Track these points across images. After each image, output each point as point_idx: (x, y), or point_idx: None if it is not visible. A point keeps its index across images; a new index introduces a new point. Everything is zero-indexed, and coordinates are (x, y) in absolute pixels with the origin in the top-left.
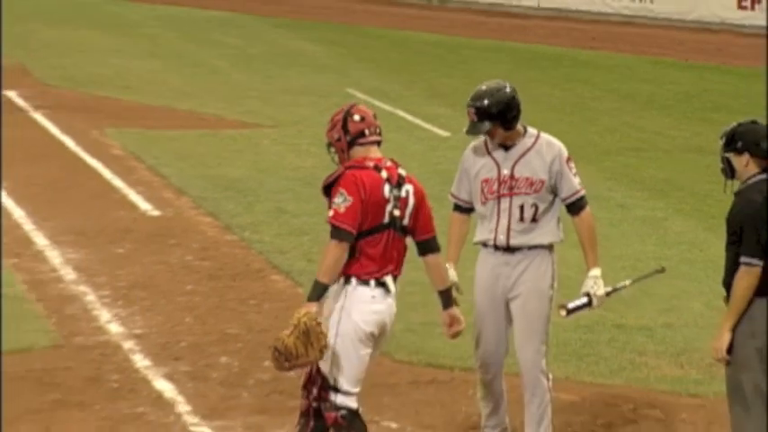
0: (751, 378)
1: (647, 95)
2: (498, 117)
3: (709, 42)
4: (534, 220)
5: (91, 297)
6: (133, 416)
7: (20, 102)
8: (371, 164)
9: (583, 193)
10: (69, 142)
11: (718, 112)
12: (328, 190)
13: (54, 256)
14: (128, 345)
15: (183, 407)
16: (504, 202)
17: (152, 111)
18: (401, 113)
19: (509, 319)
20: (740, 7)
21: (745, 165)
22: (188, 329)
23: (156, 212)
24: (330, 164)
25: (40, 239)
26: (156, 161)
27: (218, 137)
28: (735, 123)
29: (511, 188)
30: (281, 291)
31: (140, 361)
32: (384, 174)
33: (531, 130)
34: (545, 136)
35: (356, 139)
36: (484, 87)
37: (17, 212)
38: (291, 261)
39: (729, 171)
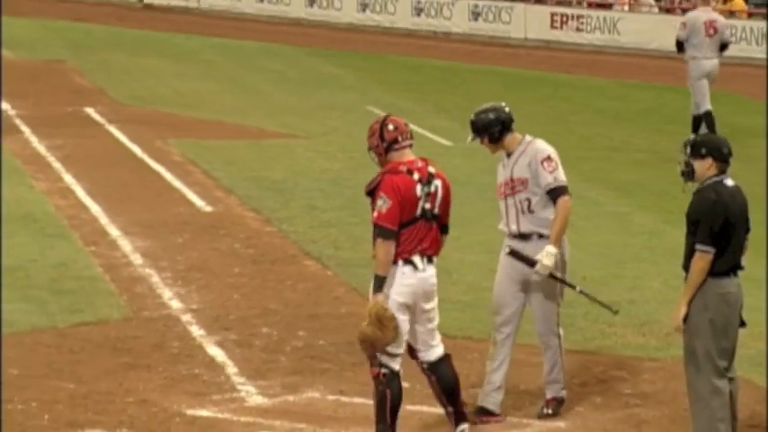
0: (703, 344)
1: (615, 111)
2: (483, 132)
3: (666, 67)
4: (531, 210)
5: (155, 278)
6: (190, 376)
7: (97, 117)
8: (404, 168)
9: (556, 185)
10: (137, 150)
11: (673, 124)
12: (371, 194)
13: (125, 245)
14: (186, 317)
15: (231, 369)
16: (510, 200)
17: (206, 124)
18: (413, 126)
19: (524, 292)
20: None
21: (707, 168)
22: (235, 305)
23: (209, 208)
24: (355, 167)
25: (113, 231)
26: (209, 166)
27: (260, 145)
28: (694, 135)
29: (512, 188)
30: (312, 273)
31: (196, 331)
32: (416, 176)
33: (527, 138)
34: (536, 142)
35: (391, 144)
36: (480, 108)
37: (94, 208)
38: (321, 248)
39: (690, 174)
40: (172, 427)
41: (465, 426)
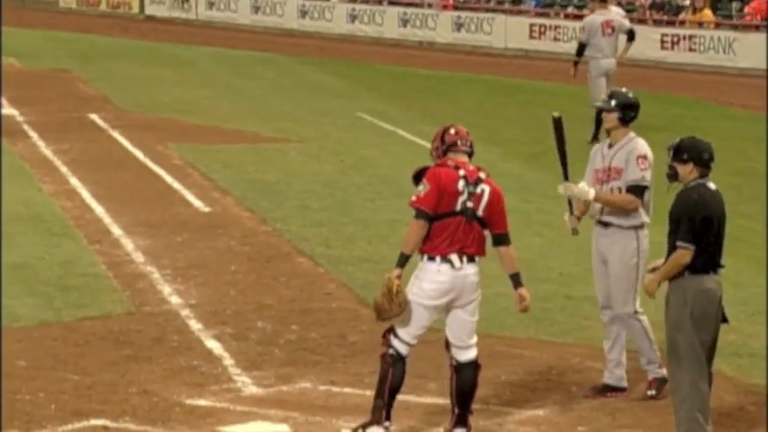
0: (685, 338)
1: (590, 116)
2: (623, 108)
3: (636, 74)
4: None
5: (156, 275)
6: (189, 368)
7: (101, 123)
8: (452, 163)
9: (639, 183)
10: (139, 154)
11: (642, 128)
12: (417, 179)
13: (127, 243)
14: (185, 312)
15: (228, 361)
16: (605, 186)
17: (204, 129)
18: (400, 131)
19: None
20: (662, 48)
21: (689, 172)
22: (232, 300)
23: (206, 209)
24: (346, 169)
25: (116, 230)
26: (206, 168)
27: (255, 149)
28: (679, 138)
29: (608, 176)
30: (305, 270)
31: (195, 325)
32: (462, 172)
33: (631, 134)
34: (638, 140)
35: (450, 147)
36: (621, 90)
37: (98, 209)
38: (313, 246)
39: (674, 177)
40: (172, 416)
41: (462, 431)
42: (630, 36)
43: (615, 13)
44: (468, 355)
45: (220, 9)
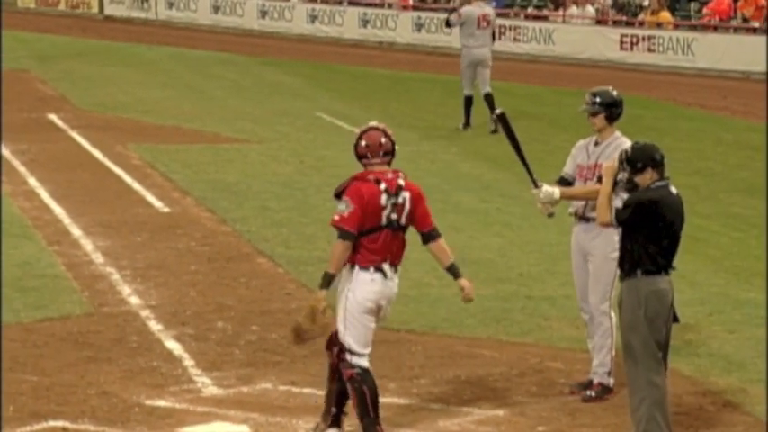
0: (639, 339)
1: (550, 117)
2: (608, 108)
3: (597, 75)
4: None
5: (116, 276)
6: (149, 368)
7: (60, 123)
8: (372, 177)
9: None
10: (98, 154)
11: None
12: (339, 196)
13: (87, 244)
14: (145, 313)
15: (188, 361)
16: (590, 183)
17: (164, 129)
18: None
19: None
20: (621, 49)
21: (649, 178)
22: (192, 301)
23: (166, 209)
24: (305, 170)
25: (76, 231)
26: (166, 169)
27: (215, 150)
28: (625, 151)
29: (595, 173)
30: (264, 270)
31: (154, 325)
32: (383, 186)
33: (617, 133)
34: (624, 138)
35: (360, 159)
36: (601, 88)
37: (57, 209)
38: (273, 247)
39: (634, 188)
40: (131, 417)
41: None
42: (492, 36)
43: (490, 9)
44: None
45: (180, 9)
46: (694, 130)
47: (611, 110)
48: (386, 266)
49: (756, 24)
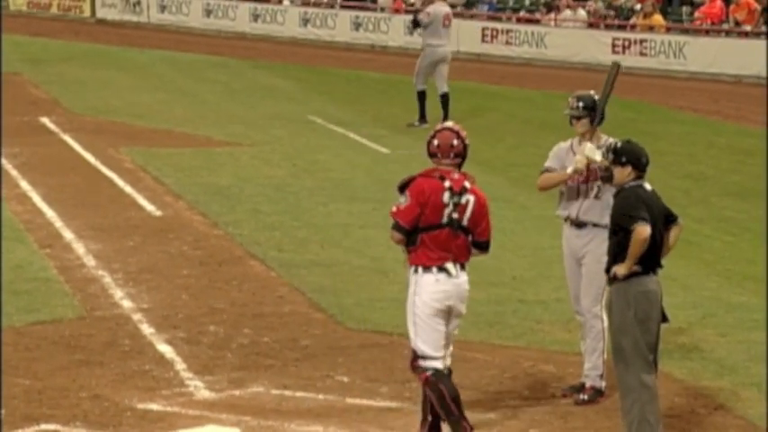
0: (630, 341)
1: (541, 120)
2: (591, 111)
3: (589, 79)
4: (597, 197)
5: (108, 279)
6: (141, 372)
7: (52, 126)
8: (438, 174)
9: None
10: (90, 158)
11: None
12: (403, 189)
13: (79, 247)
14: (137, 316)
15: (180, 365)
16: (582, 186)
17: (156, 133)
18: (352, 135)
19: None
20: (613, 52)
21: (627, 175)
22: (184, 304)
23: (158, 213)
24: (298, 173)
25: (68, 234)
26: (158, 172)
27: (207, 153)
28: (616, 141)
29: (586, 176)
30: (257, 274)
31: (146, 329)
32: (447, 183)
33: (604, 136)
34: (611, 139)
35: (431, 157)
36: (582, 92)
37: (50, 213)
38: (265, 250)
39: (609, 178)
40: (123, 421)
41: None
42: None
43: (449, 9)
44: (448, 362)
45: (172, 12)
46: (686, 134)
47: (594, 113)
48: (449, 265)
49: (748, 28)
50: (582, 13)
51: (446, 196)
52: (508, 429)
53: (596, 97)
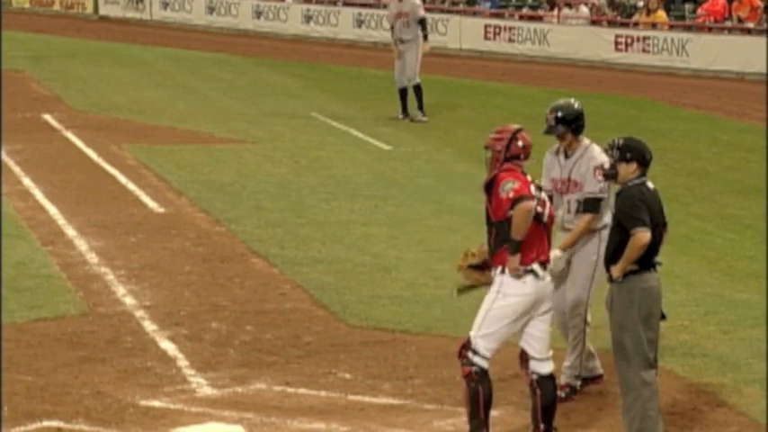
0: (632, 338)
1: (544, 117)
2: (571, 123)
3: (592, 76)
4: (578, 211)
5: (110, 276)
6: (143, 369)
7: (55, 123)
8: (520, 170)
9: (596, 196)
10: (93, 154)
11: (598, 129)
12: (489, 188)
13: (81, 244)
14: (139, 313)
15: (182, 362)
16: (565, 197)
17: (159, 130)
18: (354, 132)
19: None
20: (616, 49)
21: (632, 171)
22: (186, 301)
23: (161, 209)
24: (300, 170)
25: (70, 231)
26: (161, 169)
27: (210, 150)
28: (620, 138)
29: (567, 187)
30: (259, 270)
31: (149, 326)
32: (529, 177)
33: (586, 142)
34: (593, 148)
35: (512, 159)
36: (558, 103)
37: (52, 210)
38: (267, 247)
39: (614, 176)
40: (126, 418)
41: None
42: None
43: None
44: (549, 367)
45: (175, 9)
46: (689, 131)
47: (576, 124)
48: (536, 266)
49: (751, 25)
50: (584, 9)
51: (533, 189)
52: (510, 426)
53: (576, 105)
